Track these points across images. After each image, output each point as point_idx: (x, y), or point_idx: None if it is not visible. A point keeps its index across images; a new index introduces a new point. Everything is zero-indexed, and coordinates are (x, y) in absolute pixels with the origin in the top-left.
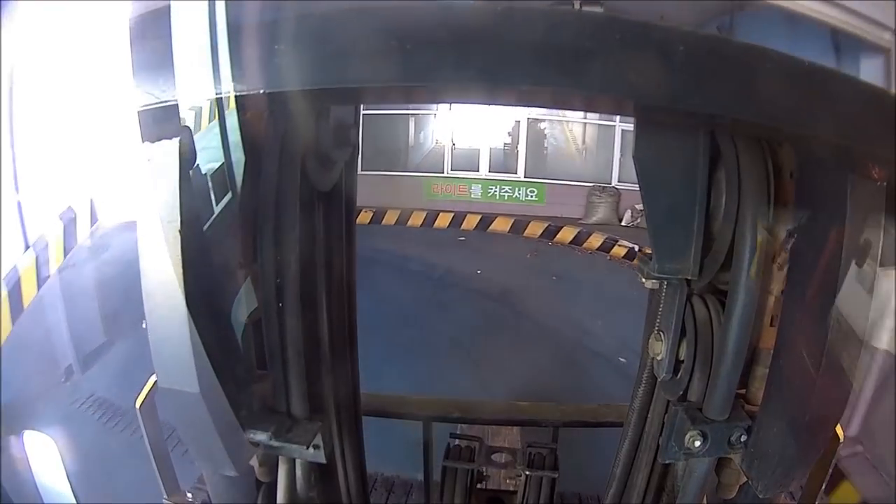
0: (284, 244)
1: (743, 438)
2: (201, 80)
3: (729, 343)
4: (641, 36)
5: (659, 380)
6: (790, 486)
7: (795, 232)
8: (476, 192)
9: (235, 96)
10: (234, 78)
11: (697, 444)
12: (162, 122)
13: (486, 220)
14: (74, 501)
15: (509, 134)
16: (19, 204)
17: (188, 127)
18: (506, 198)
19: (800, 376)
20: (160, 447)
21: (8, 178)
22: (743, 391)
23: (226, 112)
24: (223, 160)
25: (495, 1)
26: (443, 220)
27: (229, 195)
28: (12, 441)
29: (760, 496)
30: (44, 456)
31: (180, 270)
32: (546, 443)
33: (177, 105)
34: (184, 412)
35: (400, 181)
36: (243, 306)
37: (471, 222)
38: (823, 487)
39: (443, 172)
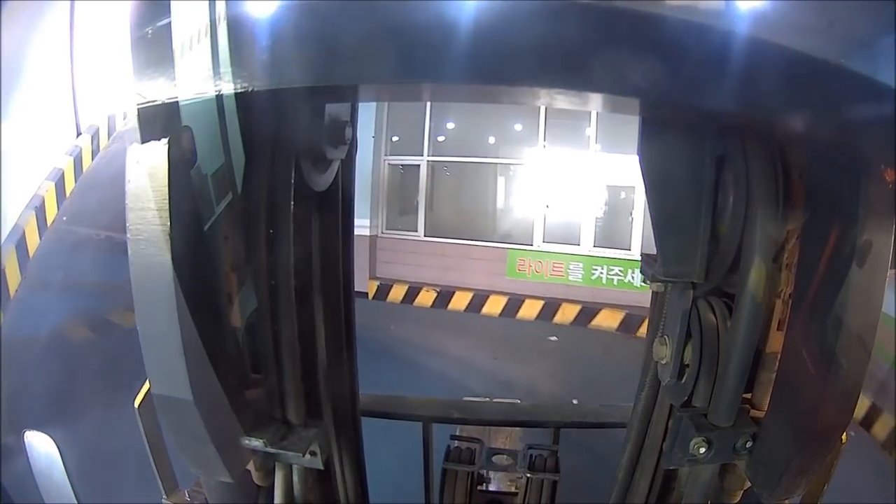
0: (278, 246)
1: (748, 445)
2: (188, 78)
3: (736, 347)
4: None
5: (663, 384)
6: (796, 493)
7: (804, 234)
8: (576, 273)
9: (226, 95)
10: (223, 76)
11: (702, 450)
12: (151, 122)
13: (587, 313)
14: (75, 501)
15: (614, 197)
16: None
17: (187, 127)
18: (615, 282)
19: (807, 382)
20: (159, 447)
21: None
22: (748, 395)
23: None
24: (216, 161)
25: None
26: (529, 310)
27: (222, 197)
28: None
29: (765, 503)
30: (44, 456)
31: (171, 274)
32: (547, 445)
33: (165, 106)
34: (177, 419)
35: (473, 253)
36: (237, 310)
37: (567, 314)
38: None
39: (531, 244)
